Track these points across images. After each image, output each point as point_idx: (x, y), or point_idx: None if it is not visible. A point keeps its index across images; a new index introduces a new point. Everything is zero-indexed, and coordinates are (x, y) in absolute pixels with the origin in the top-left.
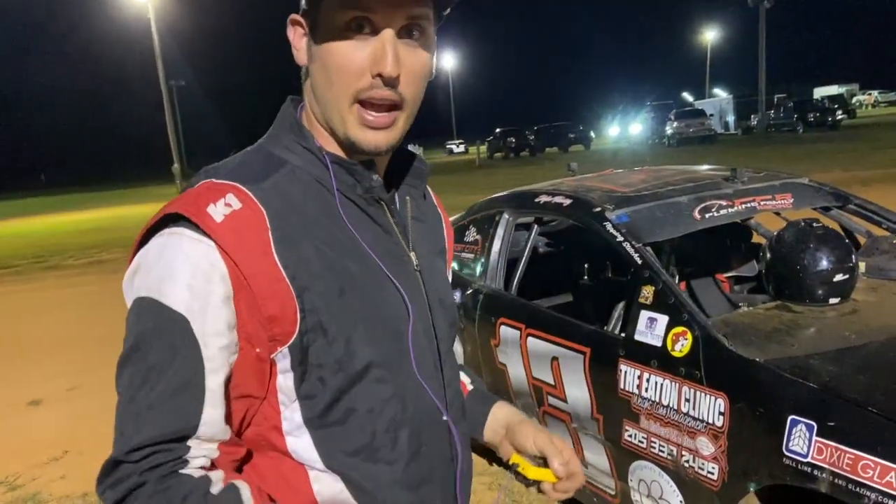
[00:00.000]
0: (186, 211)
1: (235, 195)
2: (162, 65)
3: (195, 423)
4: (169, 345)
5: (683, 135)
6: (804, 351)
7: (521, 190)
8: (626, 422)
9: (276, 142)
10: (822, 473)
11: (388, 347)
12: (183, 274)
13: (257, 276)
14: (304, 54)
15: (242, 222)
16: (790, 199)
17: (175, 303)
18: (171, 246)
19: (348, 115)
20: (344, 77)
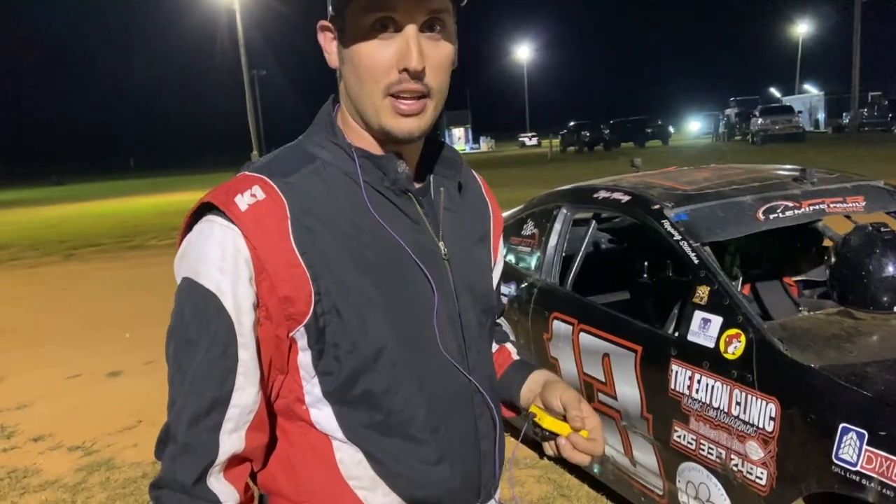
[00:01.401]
0: (217, 200)
1: (261, 187)
2: (245, 54)
3: (229, 390)
4: (204, 320)
5: (769, 132)
6: (862, 358)
7: (580, 185)
8: (675, 422)
9: (310, 139)
10: (871, 483)
11: (407, 332)
12: (214, 257)
13: (274, 260)
14: (335, 57)
15: (264, 211)
16: (862, 202)
17: (208, 282)
18: (206, 232)
19: (381, 106)
20: (373, 74)
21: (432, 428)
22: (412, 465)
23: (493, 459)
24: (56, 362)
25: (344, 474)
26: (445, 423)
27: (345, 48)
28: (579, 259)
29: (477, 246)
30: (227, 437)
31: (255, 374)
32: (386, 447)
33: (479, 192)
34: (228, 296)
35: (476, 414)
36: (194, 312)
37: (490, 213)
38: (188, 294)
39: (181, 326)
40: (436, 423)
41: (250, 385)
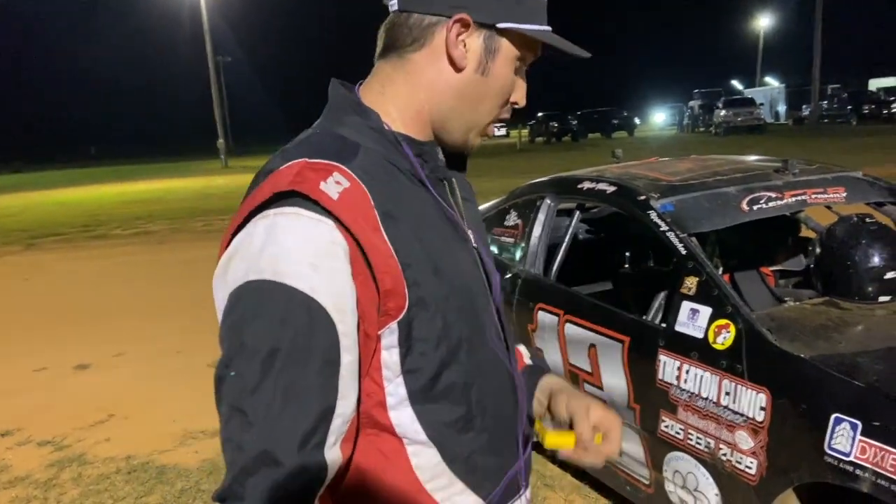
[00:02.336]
0: (301, 187)
1: (341, 173)
2: (210, 40)
3: (333, 399)
4: (300, 326)
5: (731, 124)
6: (851, 349)
7: (564, 175)
8: (663, 412)
9: (338, 123)
10: (865, 473)
11: (472, 321)
12: (305, 252)
13: (375, 251)
14: (467, 58)
15: (356, 200)
16: (843, 192)
17: (299, 282)
18: (286, 225)
19: (482, 127)
20: (501, 100)
21: (495, 418)
22: (483, 457)
23: (528, 445)
24: (21, 355)
25: (421, 479)
26: (501, 412)
27: (493, 63)
28: (563, 250)
29: (485, 235)
30: (329, 452)
31: (356, 380)
32: (463, 443)
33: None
34: (327, 295)
35: (518, 399)
36: (284, 319)
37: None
38: (271, 298)
39: (265, 337)
40: (496, 412)
41: (352, 392)
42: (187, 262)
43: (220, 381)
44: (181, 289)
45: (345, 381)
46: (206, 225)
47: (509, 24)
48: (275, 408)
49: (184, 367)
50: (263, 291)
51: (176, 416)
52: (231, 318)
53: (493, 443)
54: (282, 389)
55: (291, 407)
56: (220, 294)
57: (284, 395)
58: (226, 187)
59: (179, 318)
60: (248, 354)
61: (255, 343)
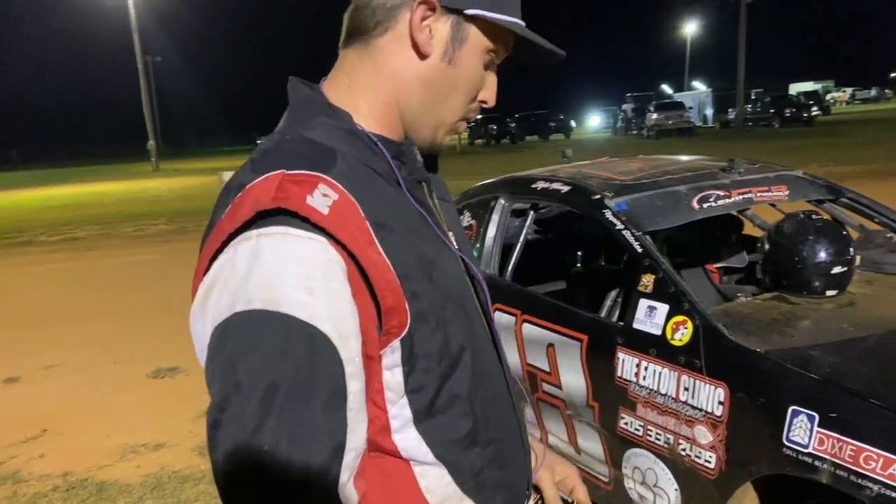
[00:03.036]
0: (287, 204)
1: (327, 185)
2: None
3: (343, 434)
4: (300, 359)
5: (663, 126)
6: (804, 342)
7: (517, 175)
8: (622, 409)
9: (306, 127)
10: (823, 464)
11: (469, 329)
12: (298, 275)
13: (373, 267)
14: (432, 45)
15: (347, 212)
16: (786, 190)
17: (296, 310)
18: (270, 248)
19: (452, 125)
20: (468, 95)
21: (497, 427)
22: (492, 472)
23: (529, 447)
24: None
25: (431, 501)
26: (504, 421)
27: (460, 51)
28: (518, 250)
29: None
30: (343, 490)
31: (364, 409)
32: (471, 458)
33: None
34: (327, 320)
35: (514, 403)
36: (283, 352)
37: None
38: (265, 330)
39: (263, 373)
40: (499, 422)
41: (360, 422)
42: (118, 269)
43: (214, 427)
44: (113, 297)
45: (353, 412)
46: (136, 230)
47: (478, 10)
48: (284, 452)
49: (120, 377)
50: (255, 323)
51: (114, 430)
52: (220, 355)
53: (499, 454)
54: (286, 430)
55: (302, 450)
56: (199, 328)
57: (290, 436)
58: (156, 190)
59: (113, 327)
60: (245, 394)
61: (251, 381)
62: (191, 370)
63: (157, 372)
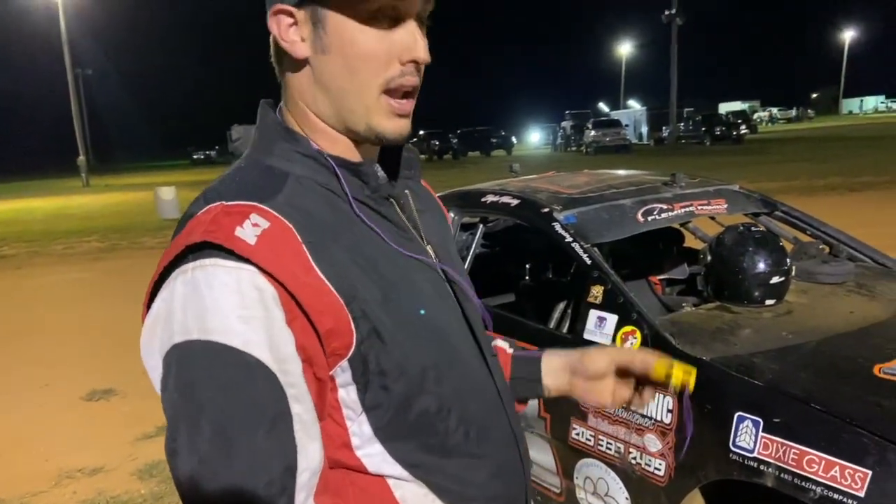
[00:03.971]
0: (214, 237)
1: (259, 214)
2: (69, 52)
3: (293, 456)
4: (238, 385)
5: (600, 143)
6: (747, 350)
7: (467, 189)
8: (573, 420)
9: (268, 152)
10: (769, 468)
11: (436, 346)
12: (230, 305)
13: (306, 292)
14: (303, 46)
15: (277, 241)
16: (724, 204)
17: (230, 338)
18: (204, 280)
19: (375, 106)
20: (373, 65)
21: (485, 441)
22: (478, 483)
23: (526, 461)
24: None
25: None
26: (492, 432)
27: (328, 35)
28: (468, 263)
29: (451, 245)
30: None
31: (315, 426)
32: (450, 472)
33: (430, 192)
34: (262, 346)
35: (508, 416)
36: (220, 381)
37: (444, 213)
38: (203, 360)
39: (206, 404)
40: (486, 434)
41: (311, 440)
42: (47, 288)
43: (171, 456)
44: (42, 317)
45: (300, 433)
46: (66, 248)
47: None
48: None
49: (52, 400)
50: (195, 353)
51: (49, 455)
52: (168, 386)
53: (490, 467)
54: (236, 457)
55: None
56: (151, 362)
57: (238, 462)
58: (87, 207)
59: (42, 349)
60: (191, 423)
61: (195, 410)
62: (127, 392)
63: (92, 394)
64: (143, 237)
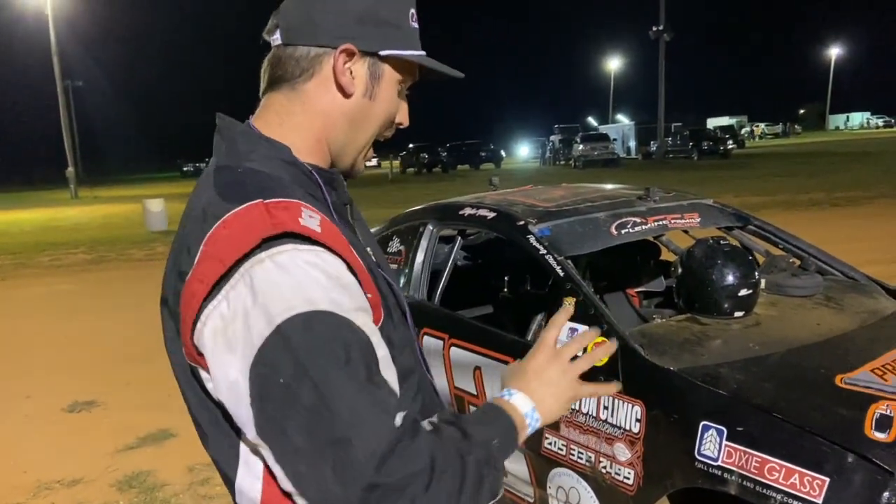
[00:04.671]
0: (286, 228)
1: (306, 209)
2: (59, 64)
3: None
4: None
5: (589, 157)
6: (713, 360)
7: (446, 202)
8: (546, 430)
9: (246, 158)
10: (732, 476)
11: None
12: (317, 282)
13: (359, 270)
14: (354, 84)
15: (331, 229)
16: (697, 218)
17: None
18: (291, 262)
19: (364, 150)
20: (384, 123)
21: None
22: None
23: None
24: None
25: None
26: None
27: (379, 87)
28: (446, 275)
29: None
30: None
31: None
32: None
33: None
34: (354, 312)
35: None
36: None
37: None
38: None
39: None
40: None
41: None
42: (32, 299)
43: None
44: (27, 328)
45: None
46: (53, 259)
47: (391, 51)
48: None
49: (34, 412)
50: (310, 322)
51: (28, 466)
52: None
53: None
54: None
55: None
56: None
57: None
58: (75, 219)
59: (26, 360)
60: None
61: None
62: (109, 404)
63: (74, 406)
64: (130, 249)
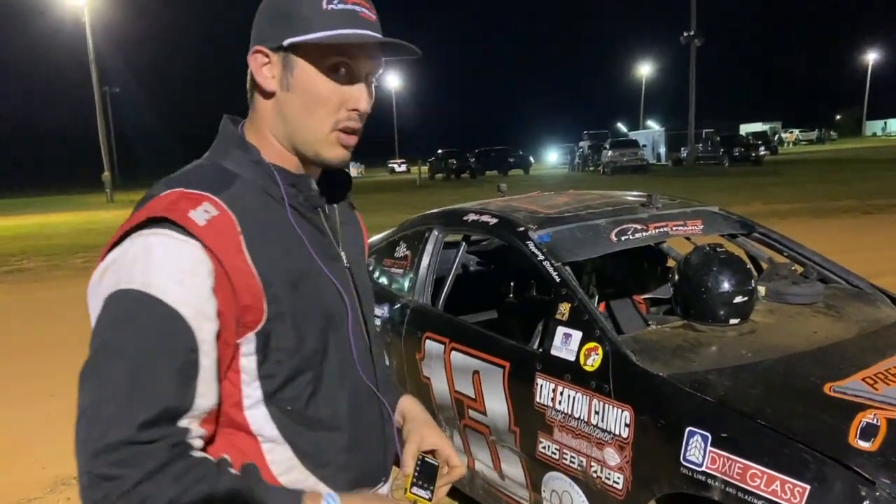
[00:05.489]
0: (172, 215)
1: (211, 204)
2: (96, 70)
3: (192, 398)
4: (162, 331)
5: (617, 164)
6: (704, 367)
7: (451, 208)
8: (540, 434)
9: (223, 157)
10: (715, 482)
11: (329, 334)
12: (171, 269)
13: (236, 271)
14: (272, 81)
15: (221, 227)
16: (700, 225)
17: (165, 295)
18: (157, 244)
19: (326, 139)
20: (326, 107)
21: (350, 418)
22: (336, 453)
23: (393, 441)
24: None
25: (275, 472)
26: (360, 412)
27: (293, 77)
28: (450, 280)
29: (362, 256)
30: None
31: (215, 382)
32: (314, 440)
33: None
34: (188, 306)
35: (380, 402)
36: (148, 325)
37: (361, 229)
38: (138, 306)
39: (130, 339)
40: (353, 413)
41: (211, 393)
42: (65, 300)
43: (81, 378)
44: (57, 328)
45: (204, 382)
46: (86, 262)
47: (292, 38)
48: (126, 400)
49: (57, 410)
50: (132, 300)
51: (46, 462)
52: (102, 321)
53: (351, 442)
54: (140, 389)
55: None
56: (93, 302)
57: (145, 387)
58: (110, 222)
59: (54, 359)
60: (112, 352)
61: (119, 343)
62: None
63: None
64: None
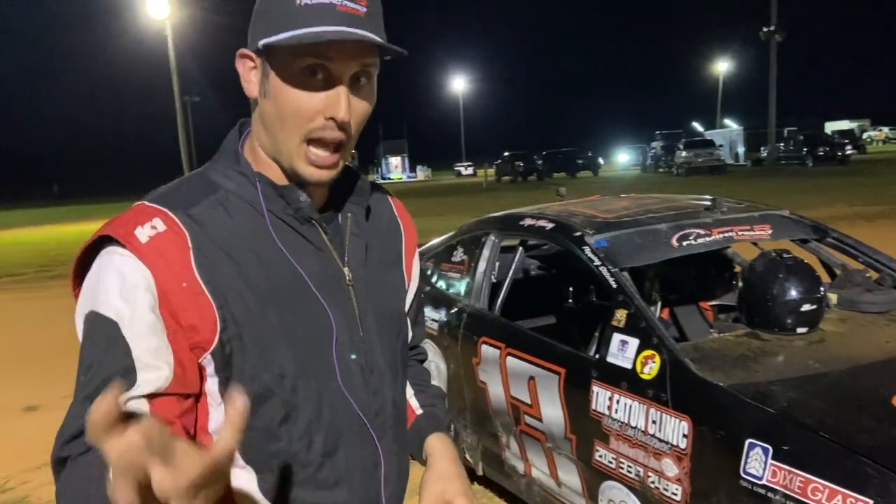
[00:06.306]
0: (115, 233)
1: (161, 219)
2: (178, 81)
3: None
4: (102, 346)
5: (692, 164)
6: (767, 377)
7: (508, 213)
8: (597, 442)
9: (214, 167)
10: (776, 496)
11: (306, 358)
12: (115, 285)
13: (177, 290)
14: (255, 87)
15: (165, 243)
16: (769, 229)
17: (107, 310)
18: (106, 264)
19: (297, 152)
20: (298, 117)
21: (329, 452)
22: (307, 489)
23: (393, 481)
24: None
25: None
26: (343, 446)
27: (269, 83)
28: (507, 284)
29: (388, 270)
30: None
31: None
32: (283, 472)
33: (390, 215)
34: (127, 322)
35: (377, 437)
36: (91, 341)
37: (402, 235)
38: (89, 325)
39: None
40: (333, 447)
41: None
42: None
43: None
44: None
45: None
46: None
47: (265, 40)
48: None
49: None
50: (88, 319)
51: None
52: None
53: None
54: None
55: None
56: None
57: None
58: None
59: None
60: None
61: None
62: None
63: None
64: None
